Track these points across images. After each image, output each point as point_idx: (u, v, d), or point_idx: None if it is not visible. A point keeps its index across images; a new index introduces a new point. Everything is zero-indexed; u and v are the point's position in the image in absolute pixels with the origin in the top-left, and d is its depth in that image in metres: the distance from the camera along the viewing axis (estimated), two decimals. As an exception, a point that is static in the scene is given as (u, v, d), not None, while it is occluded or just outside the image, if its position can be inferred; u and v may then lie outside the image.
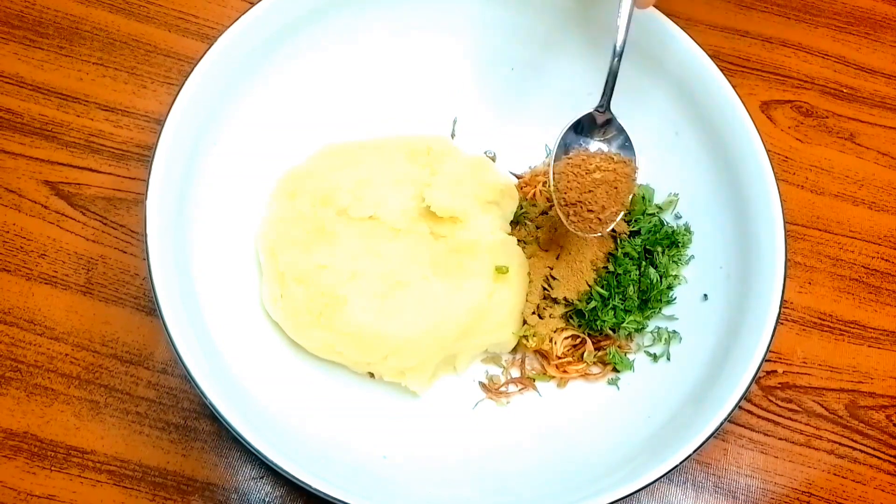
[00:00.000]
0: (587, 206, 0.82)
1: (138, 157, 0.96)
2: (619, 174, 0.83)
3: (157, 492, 0.83)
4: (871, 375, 0.94)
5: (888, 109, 1.09)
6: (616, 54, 0.82)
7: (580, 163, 0.83)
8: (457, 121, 0.99)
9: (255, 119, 0.89)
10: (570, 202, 0.82)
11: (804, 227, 1.01)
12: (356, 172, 0.89)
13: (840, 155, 1.06)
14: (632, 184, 0.84)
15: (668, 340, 0.88)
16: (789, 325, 0.96)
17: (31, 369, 0.86)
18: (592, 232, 0.84)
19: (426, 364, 0.84)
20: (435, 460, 0.83)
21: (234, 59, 0.84)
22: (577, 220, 0.83)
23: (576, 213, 0.83)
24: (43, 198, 0.93)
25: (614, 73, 0.83)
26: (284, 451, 0.70)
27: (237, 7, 1.03)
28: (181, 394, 0.86)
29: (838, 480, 0.90)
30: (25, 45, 1.00)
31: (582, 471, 0.80)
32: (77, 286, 0.89)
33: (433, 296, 0.84)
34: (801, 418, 0.92)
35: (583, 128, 0.85)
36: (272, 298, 0.84)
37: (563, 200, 0.83)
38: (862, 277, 0.99)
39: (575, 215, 0.83)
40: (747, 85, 1.08)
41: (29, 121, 0.96)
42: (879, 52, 1.12)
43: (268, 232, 0.86)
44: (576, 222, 0.83)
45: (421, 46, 0.96)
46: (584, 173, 0.82)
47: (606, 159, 0.83)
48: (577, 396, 0.88)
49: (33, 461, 0.83)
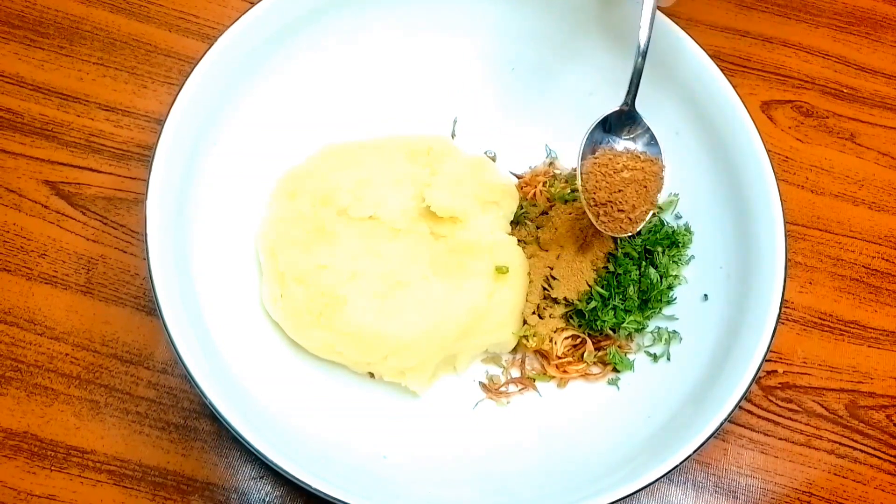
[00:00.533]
0: (618, 206, 0.82)
1: (138, 156, 0.96)
2: (648, 173, 0.82)
3: (157, 491, 0.83)
4: (871, 375, 0.94)
5: (888, 109, 1.09)
6: (640, 53, 0.81)
7: (607, 162, 0.83)
8: (457, 121, 0.99)
9: (255, 119, 0.89)
10: (599, 202, 0.82)
11: (804, 227, 1.01)
12: (356, 172, 0.89)
13: (840, 155, 1.06)
14: (660, 182, 0.83)
15: (669, 340, 0.88)
16: (790, 324, 0.96)
17: (31, 369, 0.86)
18: (623, 232, 0.83)
19: (426, 364, 0.84)
20: (435, 460, 0.83)
21: (235, 59, 0.84)
22: (608, 221, 0.82)
23: (606, 213, 0.82)
24: (43, 197, 0.93)
25: (639, 71, 0.82)
26: (284, 451, 0.70)
27: (237, 7, 1.03)
28: (181, 394, 0.86)
29: (838, 480, 0.90)
30: (26, 45, 1.00)
31: (582, 471, 0.80)
32: (77, 286, 0.89)
33: (433, 296, 0.84)
34: (801, 418, 0.92)
35: (610, 126, 0.85)
36: (272, 298, 0.84)
37: (592, 201, 0.82)
38: (862, 277, 0.99)
39: (605, 215, 0.82)
40: (748, 85, 1.08)
41: (29, 120, 0.96)
42: (880, 52, 1.12)
43: (268, 232, 0.86)
44: (606, 223, 0.82)
45: (421, 46, 0.96)
46: (612, 172, 0.82)
47: (633, 158, 0.83)
48: (577, 396, 0.88)
49: (33, 461, 0.83)
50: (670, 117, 0.92)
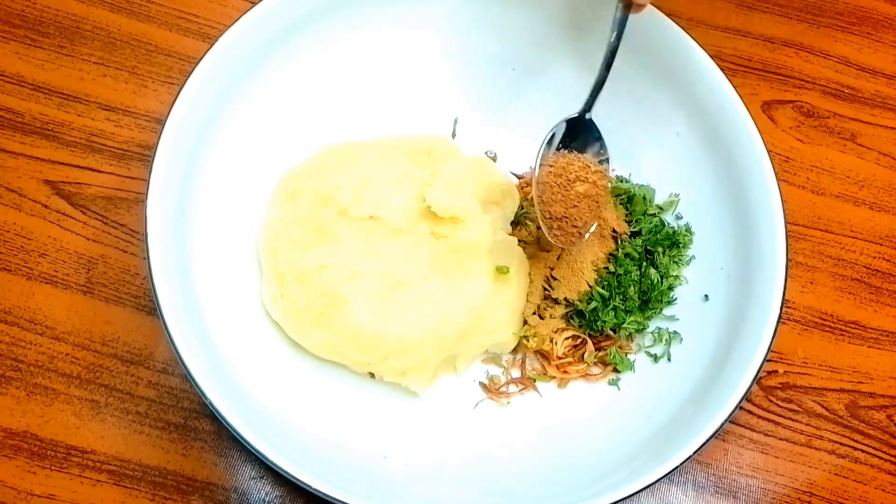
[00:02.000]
0: (572, 222, 0.83)
1: (139, 156, 0.96)
2: (599, 187, 0.83)
3: (157, 491, 0.83)
4: (872, 375, 0.94)
5: (889, 110, 1.09)
6: (605, 64, 0.82)
7: (561, 172, 0.83)
8: (457, 121, 0.99)
9: (256, 119, 0.89)
10: (555, 216, 0.82)
11: (805, 228, 1.01)
12: (356, 172, 0.89)
13: (841, 155, 1.06)
14: (608, 196, 0.85)
15: (669, 341, 0.88)
16: (790, 325, 0.96)
17: (31, 369, 0.86)
18: (571, 244, 0.85)
19: (426, 364, 0.84)
20: (435, 460, 0.83)
21: (235, 59, 0.84)
22: (561, 234, 0.83)
23: (560, 227, 0.83)
24: (44, 197, 0.93)
25: (600, 82, 0.83)
26: (284, 451, 0.70)
27: (238, 7, 1.03)
28: (181, 393, 0.86)
29: (839, 480, 0.90)
30: (26, 45, 1.00)
31: (582, 471, 0.80)
32: (77, 286, 0.89)
33: (433, 296, 0.84)
34: (801, 418, 0.92)
35: (564, 134, 0.85)
36: (272, 298, 0.84)
37: (547, 213, 0.83)
38: (863, 278, 0.99)
39: (559, 229, 0.83)
40: (748, 85, 1.08)
41: (30, 120, 0.96)
42: (881, 52, 1.12)
43: (268, 232, 0.86)
44: (558, 235, 0.83)
45: (422, 46, 0.96)
46: (566, 184, 0.82)
47: (584, 167, 0.83)
48: (577, 397, 0.88)
49: (33, 460, 0.83)
50: (671, 118, 0.92)
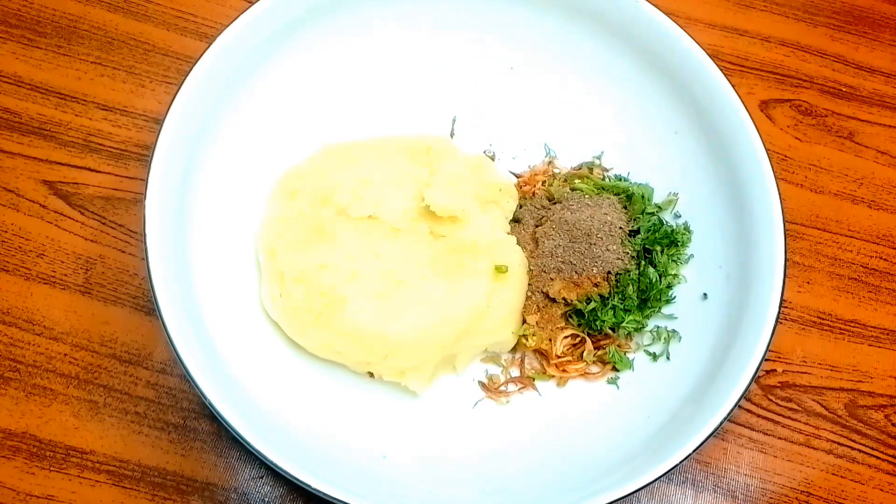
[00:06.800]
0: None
1: (137, 156, 0.95)
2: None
3: (156, 492, 0.82)
4: (871, 374, 0.95)
5: (887, 108, 1.09)
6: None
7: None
8: (456, 120, 0.99)
9: (254, 118, 0.89)
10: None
11: (803, 226, 1.01)
12: (356, 172, 0.88)
13: (839, 153, 1.06)
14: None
15: (668, 340, 0.88)
16: (789, 324, 0.96)
17: (29, 369, 0.86)
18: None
19: (426, 363, 0.84)
20: (435, 460, 0.83)
21: (234, 59, 0.84)
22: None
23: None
24: (41, 197, 0.93)
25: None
26: (284, 451, 0.70)
27: (236, 6, 1.03)
28: (180, 394, 0.86)
29: (837, 480, 0.90)
30: (23, 44, 0.99)
31: (582, 470, 0.80)
32: (76, 286, 0.89)
33: (433, 295, 0.84)
34: (800, 417, 0.92)
35: None
36: (272, 298, 0.84)
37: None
38: (861, 276, 0.99)
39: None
40: (746, 84, 1.08)
41: (27, 120, 0.96)
42: (878, 50, 1.12)
43: (267, 232, 0.86)
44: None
45: (421, 46, 0.96)
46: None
47: None
48: (576, 395, 0.88)
49: (32, 461, 0.82)
50: (669, 116, 0.92)
